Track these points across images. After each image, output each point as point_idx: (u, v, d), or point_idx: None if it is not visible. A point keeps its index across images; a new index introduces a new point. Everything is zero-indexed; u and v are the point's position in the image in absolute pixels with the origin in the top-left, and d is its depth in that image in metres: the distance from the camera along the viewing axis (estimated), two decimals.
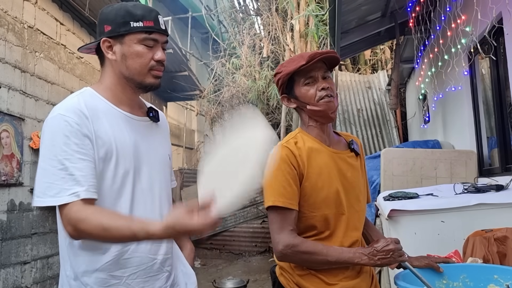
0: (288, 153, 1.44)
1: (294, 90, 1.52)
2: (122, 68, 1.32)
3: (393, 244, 1.36)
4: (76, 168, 1.18)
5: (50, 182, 1.18)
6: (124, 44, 1.30)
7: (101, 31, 1.33)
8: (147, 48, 1.31)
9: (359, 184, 1.57)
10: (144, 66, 1.31)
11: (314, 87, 1.48)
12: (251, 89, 7.91)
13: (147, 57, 1.31)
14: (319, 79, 1.49)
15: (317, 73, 1.49)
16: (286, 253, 1.38)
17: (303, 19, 6.73)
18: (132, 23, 1.29)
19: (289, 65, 1.50)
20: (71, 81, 4.99)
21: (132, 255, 1.28)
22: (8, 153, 3.86)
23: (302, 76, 1.49)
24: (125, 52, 1.30)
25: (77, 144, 1.20)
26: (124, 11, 1.31)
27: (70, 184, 1.17)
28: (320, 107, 1.48)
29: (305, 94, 1.49)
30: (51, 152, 1.20)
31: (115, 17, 1.31)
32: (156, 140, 1.42)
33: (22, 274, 3.97)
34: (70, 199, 1.16)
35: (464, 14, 3.43)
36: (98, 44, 1.34)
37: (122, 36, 1.30)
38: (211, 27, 9.76)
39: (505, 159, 3.39)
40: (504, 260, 1.64)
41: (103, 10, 1.35)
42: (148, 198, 1.33)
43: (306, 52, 1.55)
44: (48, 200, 1.17)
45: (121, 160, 1.27)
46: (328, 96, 1.47)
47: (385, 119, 8.69)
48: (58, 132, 1.21)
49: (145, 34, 1.30)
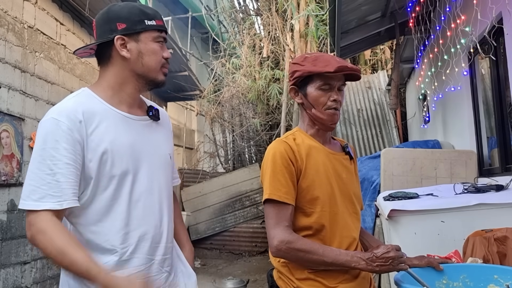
0: (287, 148, 1.44)
1: (306, 88, 1.51)
2: (136, 65, 1.33)
3: (393, 252, 1.34)
4: (62, 175, 1.18)
5: (36, 185, 1.18)
6: (140, 42, 1.32)
7: (111, 29, 1.31)
8: (159, 46, 1.35)
9: (353, 186, 1.57)
10: (158, 63, 1.35)
11: (327, 95, 1.48)
12: (251, 89, 7.90)
13: (160, 54, 1.35)
14: (335, 90, 1.49)
15: (336, 83, 1.48)
16: (280, 249, 1.37)
17: (303, 19, 6.72)
18: (146, 21, 1.32)
19: (314, 63, 1.47)
20: (71, 81, 4.99)
21: (131, 256, 1.28)
22: (8, 153, 3.86)
23: (321, 80, 1.47)
24: (141, 49, 1.32)
25: (67, 149, 1.20)
26: (137, 10, 1.33)
27: (55, 191, 1.18)
28: (324, 116, 1.48)
29: (316, 98, 1.48)
30: (40, 155, 1.20)
31: (129, 15, 1.32)
32: (156, 139, 1.41)
33: (22, 274, 3.97)
34: (53, 206, 1.17)
35: (464, 14, 3.43)
36: (97, 44, 1.34)
37: (137, 34, 1.32)
38: (211, 27, 9.76)
39: (505, 159, 3.39)
40: (504, 260, 1.64)
41: (111, 8, 1.35)
42: (147, 199, 1.33)
43: (333, 56, 1.53)
44: (30, 204, 1.18)
45: (117, 161, 1.27)
46: (335, 109, 1.48)
47: (385, 119, 8.69)
48: (49, 136, 1.21)
49: (158, 32, 1.35)
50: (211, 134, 9.49)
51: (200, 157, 9.99)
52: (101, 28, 1.34)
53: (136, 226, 1.30)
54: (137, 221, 1.30)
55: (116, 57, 1.34)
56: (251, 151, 9.64)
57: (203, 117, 9.72)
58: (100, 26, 1.35)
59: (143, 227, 1.31)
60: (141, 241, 1.30)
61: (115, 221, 1.27)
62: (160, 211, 1.37)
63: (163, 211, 1.39)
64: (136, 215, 1.30)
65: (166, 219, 1.40)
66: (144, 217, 1.32)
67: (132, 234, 1.29)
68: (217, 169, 9.41)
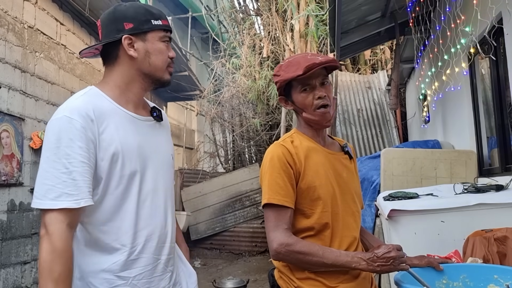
0: (285, 151, 1.44)
1: (291, 95, 1.52)
2: (143, 64, 1.34)
3: (394, 252, 1.33)
4: (78, 173, 1.18)
5: (51, 184, 1.17)
6: (147, 41, 1.33)
7: (118, 29, 1.32)
8: (165, 45, 1.37)
9: (354, 185, 1.57)
10: (165, 62, 1.37)
11: (311, 94, 1.47)
12: (251, 89, 7.91)
13: (166, 54, 1.37)
14: (317, 87, 1.47)
15: (315, 80, 1.47)
16: (280, 252, 1.37)
17: (303, 19, 6.73)
18: (153, 21, 1.34)
19: (287, 70, 1.48)
20: (71, 81, 4.99)
21: (139, 256, 1.29)
22: (8, 153, 3.86)
23: (299, 83, 1.48)
24: (149, 49, 1.33)
25: (81, 147, 1.20)
26: (144, 10, 1.35)
27: (72, 189, 1.17)
28: (316, 116, 1.48)
29: (302, 101, 1.48)
30: (55, 154, 1.19)
31: (136, 15, 1.33)
32: (159, 140, 1.42)
33: (22, 274, 3.98)
34: (70, 205, 1.16)
35: (463, 14, 3.43)
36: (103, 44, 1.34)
37: (144, 34, 1.33)
38: (211, 27, 9.76)
39: (505, 159, 3.39)
40: (504, 260, 1.64)
41: (117, 8, 1.36)
42: (153, 199, 1.34)
43: (305, 55, 1.52)
44: (47, 203, 1.17)
45: (127, 161, 1.28)
46: (324, 107, 1.47)
47: (385, 119, 8.69)
48: (63, 135, 1.20)
49: (163, 32, 1.36)
50: (211, 134, 9.50)
51: (200, 157, 10.00)
52: (107, 28, 1.34)
53: (144, 226, 1.31)
54: (145, 221, 1.31)
55: (123, 57, 1.34)
56: (251, 151, 9.64)
57: (203, 117, 9.73)
58: (106, 26, 1.35)
59: (150, 226, 1.32)
60: (148, 241, 1.31)
61: (124, 221, 1.27)
62: (165, 210, 1.38)
63: (168, 211, 1.40)
64: (144, 215, 1.31)
65: (170, 219, 1.41)
66: (151, 216, 1.33)
67: (140, 233, 1.29)
68: (217, 169, 9.42)
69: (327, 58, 1.46)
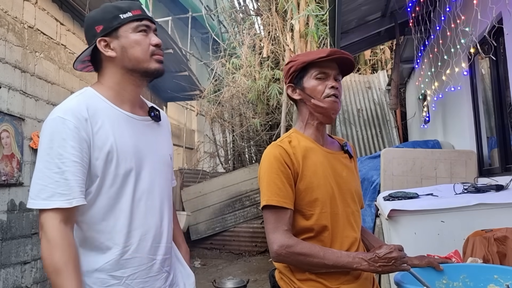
0: (282, 152, 1.43)
1: (303, 81, 1.51)
2: (124, 61, 1.33)
3: (396, 252, 1.33)
4: (71, 173, 1.19)
5: (44, 184, 1.19)
6: (121, 37, 1.32)
7: (93, 34, 1.34)
8: (142, 35, 1.34)
9: (354, 184, 1.56)
10: (145, 52, 1.34)
11: (324, 83, 1.48)
12: (251, 89, 7.91)
13: (145, 43, 1.34)
14: (331, 78, 1.49)
15: (332, 71, 1.49)
16: (281, 253, 1.36)
17: (303, 19, 6.73)
18: (121, 15, 1.33)
19: (307, 55, 1.50)
20: (71, 81, 4.99)
21: (133, 255, 1.29)
22: (8, 153, 3.86)
23: (316, 69, 1.49)
24: (123, 44, 1.32)
25: (74, 147, 1.21)
26: (110, 8, 1.35)
27: (64, 189, 1.18)
28: (325, 104, 1.47)
29: (314, 87, 1.49)
30: (48, 154, 1.20)
31: (104, 15, 1.34)
32: (157, 140, 1.42)
33: (22, 274, 3.98)
34: (62, 205, 1.17)
35: (464, 14, 3.43)
36: (90, 52, 1.36)
37: (115, 30, 1.32)
38: (211, 27, 9.76)
39: (505, 159, 3.39)
40: (504, 260, 1.64)
41: (88, 15, 1.38)
42: (148, 198, 1.34)
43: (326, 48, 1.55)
44: (40, 203, 1.18)
45: (122, 160, 1.28)
46: (335, 96, 1.48)
47: (385, 119, 8.69)
48: (56, 135, 1.21)
49: (136, 22, 1.34)
50: (211, 134, 9.49)
51: (200, 157, 10.00)
52: (86, 37, 1.38)
53: (138, 225, 1.30)
54: (139, 220, 1.31)
55: (105, 60, 1.35)
56: (251, 151, 9.64)
57: (203, 117, 9.73)
58: (86, 36, 1.38)
59: (144, 226, 1.32)
60: (143, 241, 1.31)
61: (118, 220, 1.27)
62: (161, 211, 1.38)
63: (164, 211, 1.39)
64: (138, 214, 1.31)
65: (166, 219, 1.40)
66: (146, 216, 1.32)
67: (134, 233, 1.29)
68: (217, 169, 9.42)
69: (348, 54, 1.49)
